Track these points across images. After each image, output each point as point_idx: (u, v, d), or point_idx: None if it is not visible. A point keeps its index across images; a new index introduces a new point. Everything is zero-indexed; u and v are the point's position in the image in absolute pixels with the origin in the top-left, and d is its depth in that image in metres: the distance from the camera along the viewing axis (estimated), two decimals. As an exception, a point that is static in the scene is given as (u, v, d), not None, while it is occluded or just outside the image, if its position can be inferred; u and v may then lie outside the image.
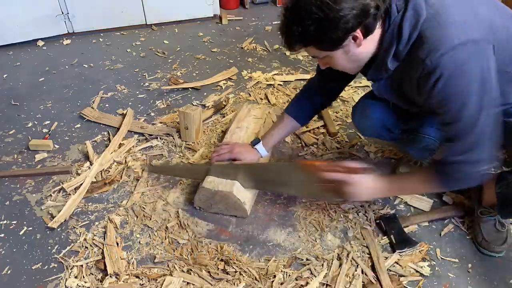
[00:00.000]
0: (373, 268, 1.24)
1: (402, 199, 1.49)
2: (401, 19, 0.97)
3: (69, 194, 1.55)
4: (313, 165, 1.26)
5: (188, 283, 1.20)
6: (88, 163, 1.71)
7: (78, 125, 2.01)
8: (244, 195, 1.39)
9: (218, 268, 1.25)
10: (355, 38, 0.98)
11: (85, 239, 1.36)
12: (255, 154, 1.48)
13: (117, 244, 1.33)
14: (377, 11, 0.94)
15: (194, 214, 1.46)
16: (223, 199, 1.39)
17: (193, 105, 2.12)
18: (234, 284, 1.20)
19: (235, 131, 1.65)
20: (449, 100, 0.96)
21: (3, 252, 1.34)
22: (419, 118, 1.36)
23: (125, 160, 1.72)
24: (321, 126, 1.92)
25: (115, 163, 1.71)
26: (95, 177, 1.62)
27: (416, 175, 1.25)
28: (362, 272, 1.23)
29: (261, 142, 1.49)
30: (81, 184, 1.58)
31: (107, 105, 2.18)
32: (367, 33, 0.98)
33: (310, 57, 2.72)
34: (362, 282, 1.21)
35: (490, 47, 0.94)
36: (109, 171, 1.67)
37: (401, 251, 1.29)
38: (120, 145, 1.82)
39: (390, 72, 1.07)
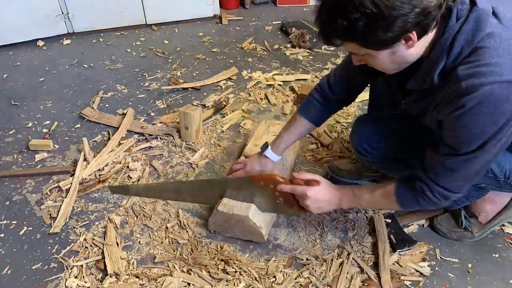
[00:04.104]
0: (375, 265, 1.24)
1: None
2: (458, 30, 0.85)
3: (65, 192, 1.54)
4: (270, 178, 1.20)
5: (188, 283, 1.20)
6: (85, 163, 1.70)
7: (78, 125, 2.01)
8: (261, 219, 1.30)
9: (218, 268, 1.25)
10: (407, 39, 0.84)
11: (85, 239, 1.36)
12: (266, 162, 1.37)
13: (117, 244, 1.33)
14: (439, 10, 0.81)
15: (194, 214, 1.46)
16: (238, 223, 1.30)
17: (193, 105, 2.12)
18: (234, 284, 1.20)
19: (253, 150, 1.54)
20: (465, 129, 0.87)
21: (3, 252, 1.34)
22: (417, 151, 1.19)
23: (124, 160, 1.72)
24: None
25: (112, 162, 1.70)
26: (90, 176, 1.62)
27: (378, 188, 1.11)
28: (363, 271, 1.23)
29: (269, 147, 1.36)
30: (74, 183, 1.57)
31: (107, 105, 2.18)
32: (422, 34, 0.84)
33: (310, 57, 2.73)
34: (362, 282, 1.21)
35: None
36: (103, 169, 1.66)
37: (401, 250, 1.29)
38: (119, 144, 1.82)
39: (434, 86, 0.93)
